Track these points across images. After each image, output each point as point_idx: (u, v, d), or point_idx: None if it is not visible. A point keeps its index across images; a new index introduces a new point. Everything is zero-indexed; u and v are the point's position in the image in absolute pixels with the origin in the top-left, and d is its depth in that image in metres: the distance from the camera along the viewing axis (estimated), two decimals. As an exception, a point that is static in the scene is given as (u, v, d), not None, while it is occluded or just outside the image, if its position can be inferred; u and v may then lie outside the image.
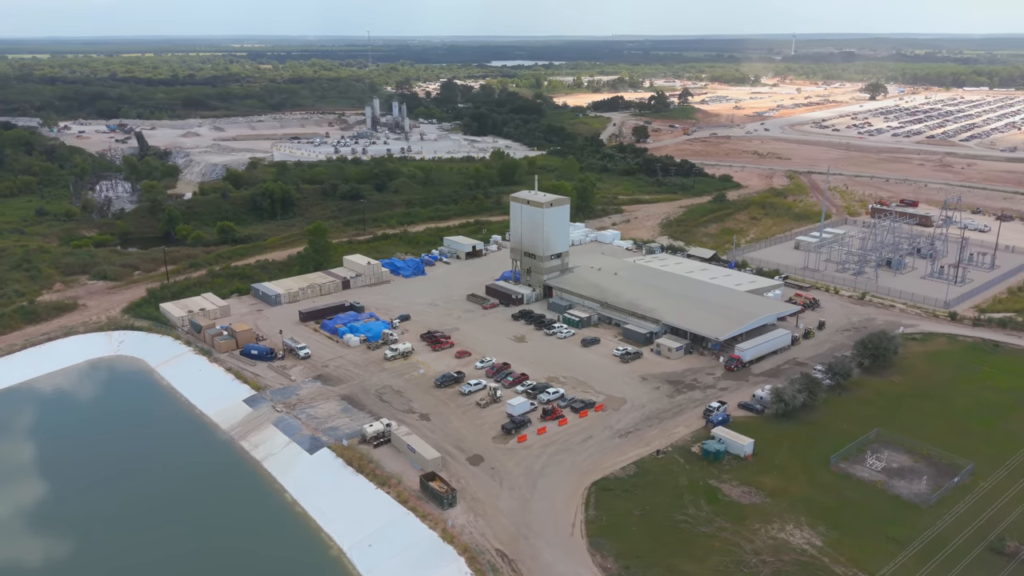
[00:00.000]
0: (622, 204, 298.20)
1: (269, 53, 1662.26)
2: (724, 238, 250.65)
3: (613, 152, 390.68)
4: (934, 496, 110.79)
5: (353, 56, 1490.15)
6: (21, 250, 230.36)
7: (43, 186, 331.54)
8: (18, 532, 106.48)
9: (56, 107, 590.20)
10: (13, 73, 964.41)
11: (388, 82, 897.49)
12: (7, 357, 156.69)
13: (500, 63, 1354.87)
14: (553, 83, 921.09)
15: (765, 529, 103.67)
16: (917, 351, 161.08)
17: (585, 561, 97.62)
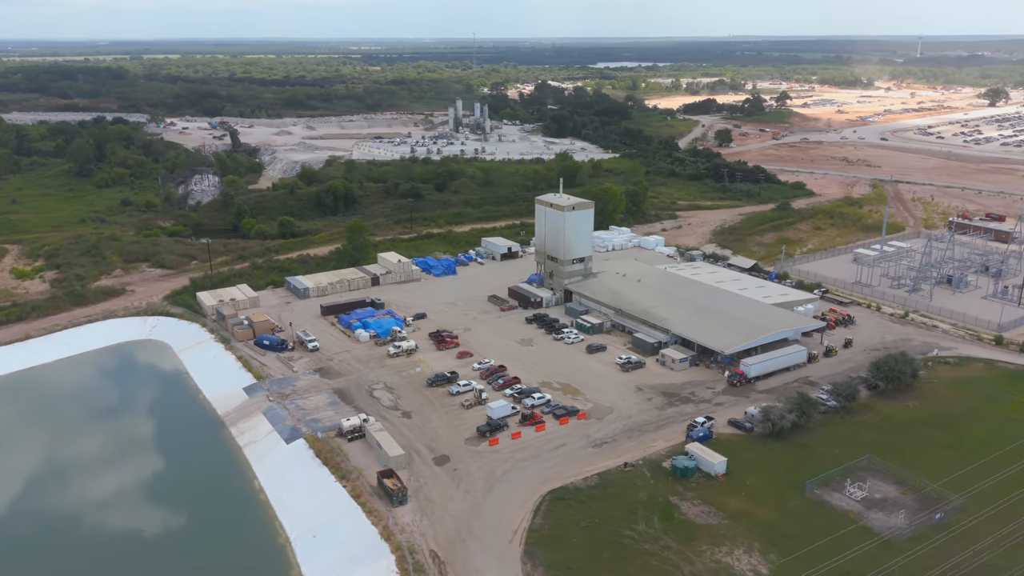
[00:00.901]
0: (681, 209, 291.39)
1: (382, 55, 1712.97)
2: (777, 248, 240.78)
3: (684, 156, 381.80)
4: (908, 531, 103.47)
5: (460, 58, 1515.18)
6: (95, 237, 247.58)
7: (135, 178, 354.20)
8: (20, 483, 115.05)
9: (169, 104, 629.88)
10: (143, 72, 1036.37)
11: (486, 83, 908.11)
12: (47, 336, 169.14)
13: (604, 65, 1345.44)
14: (651, 85, 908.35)
15: (712, 552, 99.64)
16: (946, 376, 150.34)
17: (514, 569, 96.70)
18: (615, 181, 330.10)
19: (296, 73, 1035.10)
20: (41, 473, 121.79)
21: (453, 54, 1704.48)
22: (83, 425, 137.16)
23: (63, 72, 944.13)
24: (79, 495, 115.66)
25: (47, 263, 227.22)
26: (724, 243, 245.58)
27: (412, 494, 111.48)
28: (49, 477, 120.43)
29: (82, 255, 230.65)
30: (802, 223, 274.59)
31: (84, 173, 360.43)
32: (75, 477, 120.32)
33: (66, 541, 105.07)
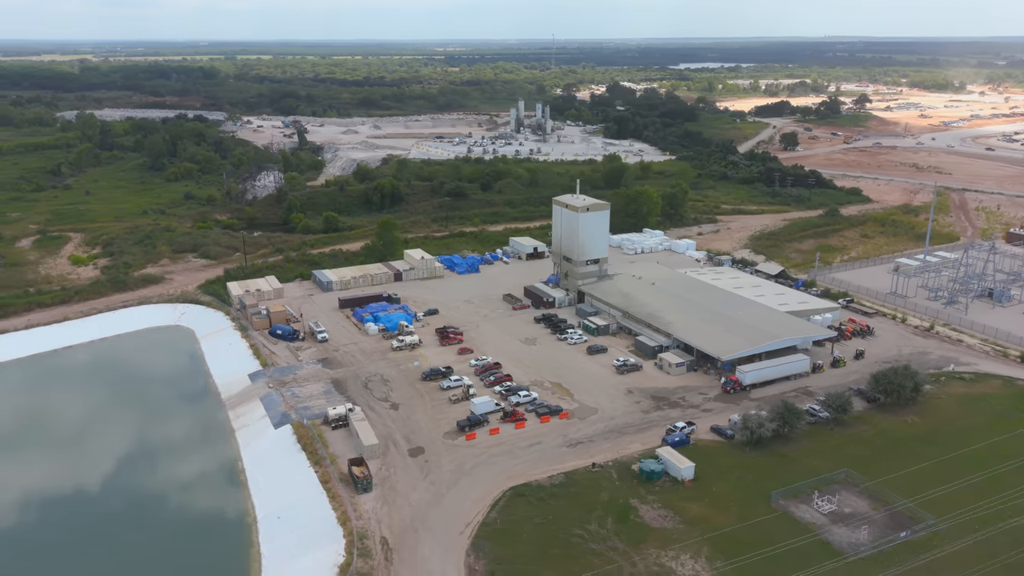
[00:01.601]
0: (724, 214, 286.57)
1: (465, 56, 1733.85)
2: (814, 255, 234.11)
3: (739, 160, 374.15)
4: (868, 548, 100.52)
5: (539, 59, 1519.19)
6: (150, 228, 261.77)
7: (202, 173, 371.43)
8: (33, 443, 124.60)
9: (250, 103, 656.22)
10: (234, 72, 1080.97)
11: (559, 85, 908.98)
12: (84, 319, 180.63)
13: (684, 66, 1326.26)
14: (728, 86, 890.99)
15: (658, 555, 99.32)
16: (957, 392, 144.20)
17: (458, 560, 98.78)
18: (664, 183, 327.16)
19: (376, 74, 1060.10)
20: (50, 440, 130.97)
21: (534, 55, 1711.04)
22: (94, 401, 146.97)
23: (159, 71, 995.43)
24: (72, 459, 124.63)
25: (103, 251, 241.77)
26: (760, 249, 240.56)
27: (379, 483, 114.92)
28: (56, 444, 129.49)
29: (135, 244, 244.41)
30: (849, 230, 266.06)
31: (157, 167, 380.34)
32: (75, 445, 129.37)
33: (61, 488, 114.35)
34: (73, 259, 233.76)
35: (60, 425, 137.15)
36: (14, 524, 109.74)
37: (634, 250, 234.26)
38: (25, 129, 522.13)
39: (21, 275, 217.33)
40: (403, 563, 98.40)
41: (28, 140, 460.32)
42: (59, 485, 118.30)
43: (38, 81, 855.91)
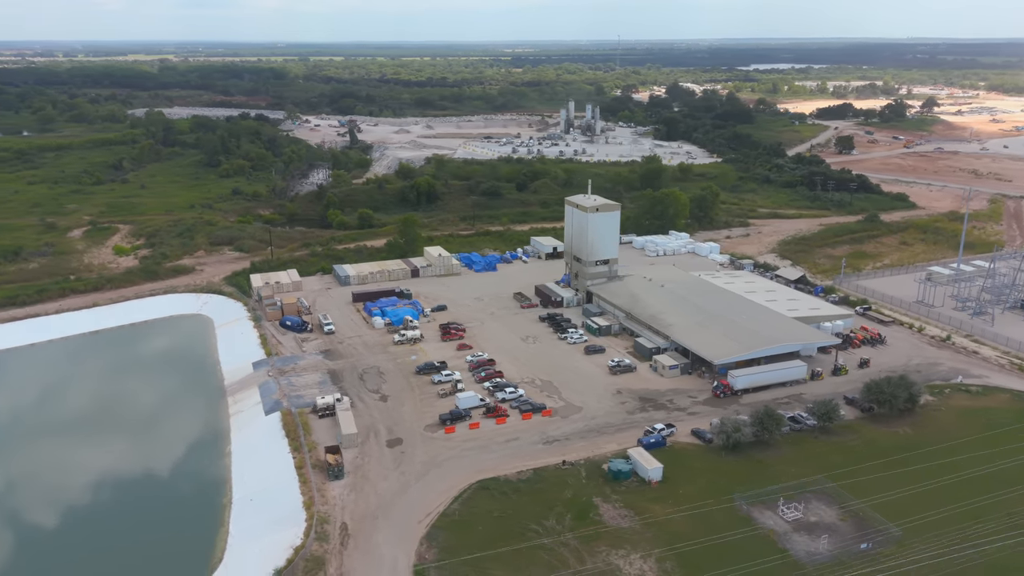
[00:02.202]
0: (760, 217, 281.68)
1: (531, 57, 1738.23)
2: (847, 261, 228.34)
3: (785, 163, 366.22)
4: (825, 557, 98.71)
5: (606, 59, 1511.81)
6: (192, 221, 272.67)
7: (254, 170, 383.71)
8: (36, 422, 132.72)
9: (312, 103, 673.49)
10: (303, 73, 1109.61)
11: (620, 85, 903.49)
12: (112, 306, 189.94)
13: (754, 67, 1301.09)
14: (794, 88, 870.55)
15: (608, 554, 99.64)
16: (959, 404, 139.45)
17: (410, 549, 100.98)
18: (702, 186, 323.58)
19: (439, 75, 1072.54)
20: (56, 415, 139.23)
21: (601, 56, 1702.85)
22: (104, 382, 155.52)
23: (232, 71, 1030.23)
24: (71, 434, 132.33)
25: (146, 242, 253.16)
26: (787, 254, 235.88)
27: (352, 471, 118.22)
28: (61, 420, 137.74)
29: (176, 237, 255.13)
30: (888, 236, 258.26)
31: (212, 164, 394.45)
32: (78, 422, 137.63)
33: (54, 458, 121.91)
34: (116, 249, 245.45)
35: (68, 402, 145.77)
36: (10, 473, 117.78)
37: (656, 252, 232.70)
38: (97, 125, 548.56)
39: (66, 263, 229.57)
40: (357, 548, 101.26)
41: (97, 136, 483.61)
42: (53, 456, 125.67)
43: (117, 80, 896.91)
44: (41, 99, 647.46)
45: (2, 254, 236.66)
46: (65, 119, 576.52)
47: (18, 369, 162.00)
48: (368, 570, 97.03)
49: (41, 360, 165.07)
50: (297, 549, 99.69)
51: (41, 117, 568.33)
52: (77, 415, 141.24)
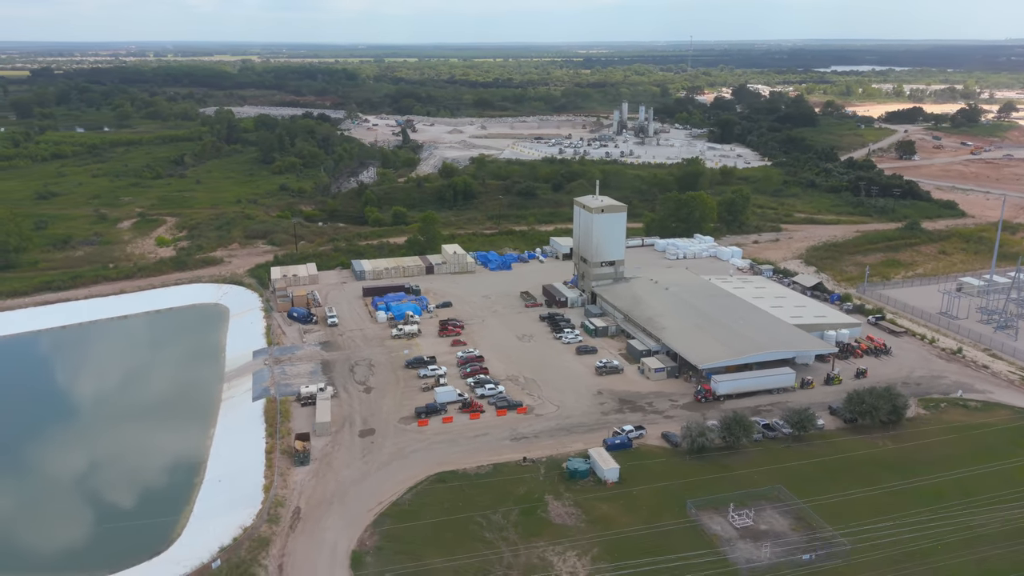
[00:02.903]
0: (796, 222, 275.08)
1: (604, 58, 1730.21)
2: (877, 270, 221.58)
3: (834, 167, 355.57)
4: (762, 566, 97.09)
5: (679, 60, 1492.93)
6: (232, 215, 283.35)
7: (305, 167, 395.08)
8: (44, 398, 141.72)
9: (374, 103, 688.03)
10: (375, 74, 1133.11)
11: (686, 87, 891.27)
12: (137, 293, 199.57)
13: (832, 69, 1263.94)
14: (868, 91, 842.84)
15: (545, 550, 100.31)
16: (953, 419, 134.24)
17: (354, 535, 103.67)
18: (735, 189, 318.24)
19: (506, 76, 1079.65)
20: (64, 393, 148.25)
21: (675, 57, 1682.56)
22: (113, 365, 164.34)
23: (307, 72, 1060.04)
24: (72, 412, 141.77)
25: (187, 234, 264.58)
26: (815, 260, 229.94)
27: (319, 458, 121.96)
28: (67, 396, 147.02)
29: (214, 229, 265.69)
30: (927, 245, 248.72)
31: (267, 161, 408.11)
32: (79, 400, 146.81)
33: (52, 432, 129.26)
34: (159, 240, 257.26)
35: (75, 380, 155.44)
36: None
37: (676, 255, 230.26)
38: (170, 122, 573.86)
39: (109, 252, 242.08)
40: (303, 532, 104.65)
41: (166, 132, 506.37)
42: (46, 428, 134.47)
43: (197, 79, 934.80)
44: (121, 97, 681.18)
45: (52, 242, 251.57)
46: (142, 116, 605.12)
47: (39, 349, 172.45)
48: (309, 552, 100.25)
49: (61, 342, 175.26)
50: (246, 529, 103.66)
51: (120, 114, 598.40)
52: (81, 393, 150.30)
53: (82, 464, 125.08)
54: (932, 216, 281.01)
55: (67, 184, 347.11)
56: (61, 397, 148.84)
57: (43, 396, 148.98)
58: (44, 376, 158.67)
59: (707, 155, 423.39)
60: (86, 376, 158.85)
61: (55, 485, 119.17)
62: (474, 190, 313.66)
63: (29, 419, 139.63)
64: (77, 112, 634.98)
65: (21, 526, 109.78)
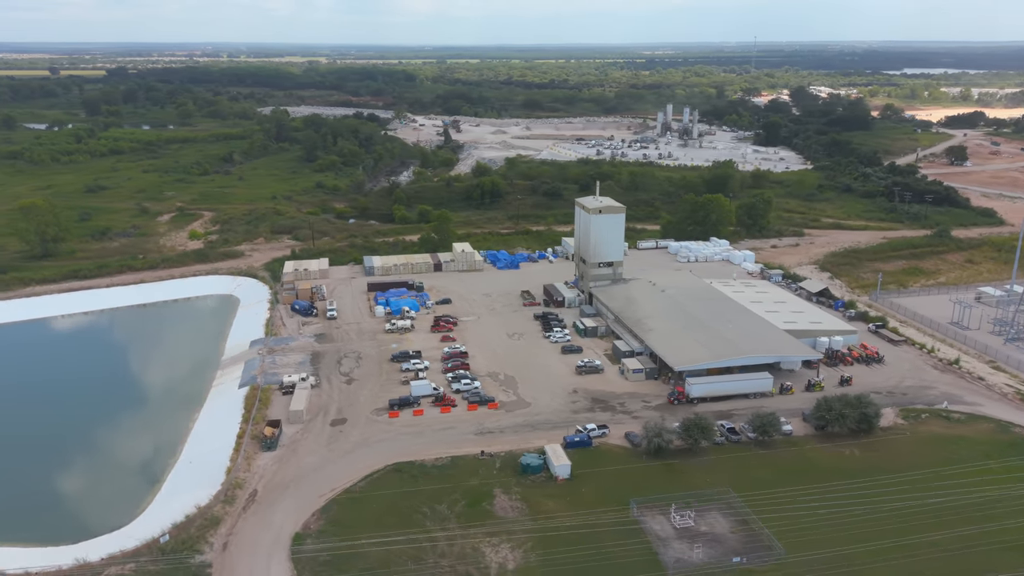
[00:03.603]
0: (823, 227, 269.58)
1: (667, 60, 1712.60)
2: (895, 276, 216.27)
3: (873, 172, 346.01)
4: (691, 567, 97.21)
5: (741, 62, 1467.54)
6: (263, 211, 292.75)
7: (345, 165, 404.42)
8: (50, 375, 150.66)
9: (425, 103, 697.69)
10: (435, 75, 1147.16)
11: (744, 88, 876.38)
12: (157, 283, 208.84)
13: (902, 71, 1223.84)
14: (935, 94, 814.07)
15: (481, 540, 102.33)
16: (931, 430, 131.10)
17: (302, 518, 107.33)
18: (778, 193, 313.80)
19: (562, 77, 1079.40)
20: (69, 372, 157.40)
21: (741, 58, 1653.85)
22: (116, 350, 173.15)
23: (366, 73, 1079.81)
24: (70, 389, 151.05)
25: (219, 229, 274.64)
26: (830, 266, 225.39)
27: (287, 444, 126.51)
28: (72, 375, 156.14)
29: (244, 224, 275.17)
30: (954, 254, 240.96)
31: (310, 159, 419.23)
32: (80, 380, 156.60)
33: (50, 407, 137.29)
34: (191, 234, 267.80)
35: (82, 362, 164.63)
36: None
37: (687, 258, 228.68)
38: (229, 121, 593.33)
39: (142, 244, 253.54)
40: (255, 513, 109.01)
41: (221, 130, 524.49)
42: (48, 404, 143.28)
43: (261, 79, 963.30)
44: (185, 96, 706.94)
45: (91, 233, 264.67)
46: (203, 114, 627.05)
47: (52, 334, 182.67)
48: (255, 532, 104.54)
49: (75, 328, 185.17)
50: (200, 508, 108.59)
51: (182, 112, 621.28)
52: (79, 375, 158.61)
53: (67, 442, 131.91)
54: (967, 224, 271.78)
55: (117, 178, 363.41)
56: (60, 379, 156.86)
57: (42, 378, 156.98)
58: (48, 359, 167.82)
59: (748, 158, 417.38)
60: (89, 360, 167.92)
61: (35, 459, 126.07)
62: (501, 190, 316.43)
63: (27, 399, 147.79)
64: (143, 110, 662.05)
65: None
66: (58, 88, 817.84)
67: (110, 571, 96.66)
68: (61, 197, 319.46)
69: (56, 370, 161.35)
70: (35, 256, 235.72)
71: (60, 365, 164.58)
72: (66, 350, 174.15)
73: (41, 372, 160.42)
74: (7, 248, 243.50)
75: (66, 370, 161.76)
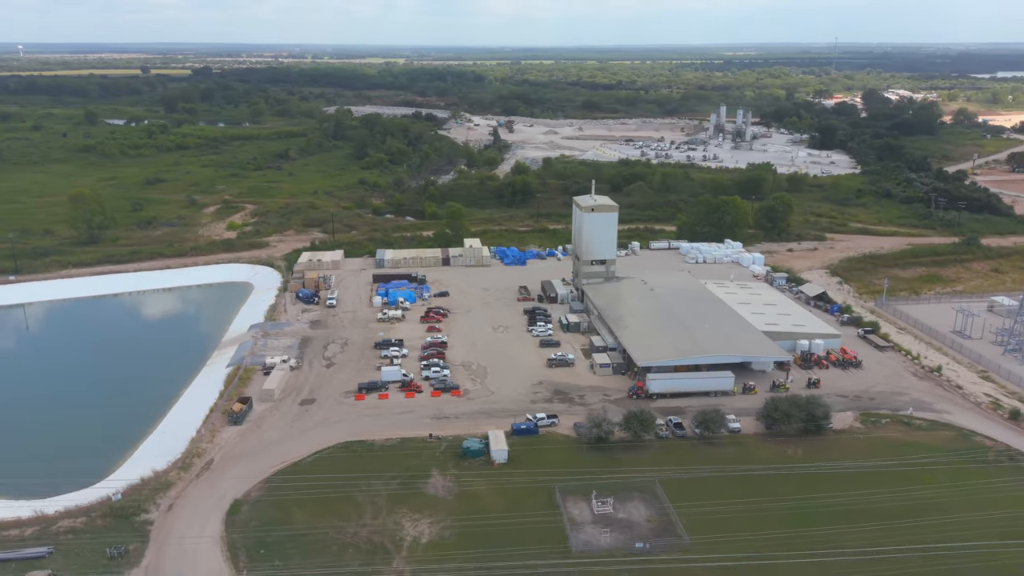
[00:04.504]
0: (848, 232, 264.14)
1: (746, 61, 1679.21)
2: (911, 284, 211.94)
3: (917, 177, 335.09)
4: (595, 549, 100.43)
5: (823, 64, 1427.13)
6: (299, 205, 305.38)
7: (391, 163, 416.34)
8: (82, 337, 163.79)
9: (484, 104, 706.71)
10: (504, 76, 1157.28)
11: (816, 90, 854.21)
12: (180, 269, 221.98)
13: (992, 75, 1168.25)
14: (1019, 98, 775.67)
15: (403, 515, 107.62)
16: (888, 435, 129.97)
17: (246, 487, 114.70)
18: (815, 196, 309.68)
19: (631, 78, 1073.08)
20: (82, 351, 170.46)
21: (823, 60, 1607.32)
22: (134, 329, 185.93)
23: (436, 75, 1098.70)
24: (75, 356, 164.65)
25: (256, 220, 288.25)
26: (842, 271, 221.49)
27: (254, 420, 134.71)
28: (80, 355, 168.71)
29: (279, 217, 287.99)
30: (980, 262, 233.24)
31: (359, 156, 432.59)
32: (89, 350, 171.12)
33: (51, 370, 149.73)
34: (229, 225, 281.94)
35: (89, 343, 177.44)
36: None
37: (695, 259, 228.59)
38: (295, 119, 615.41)
39: (182, 234, 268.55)
40: (205, 480, 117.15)
41: (284, 128, 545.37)
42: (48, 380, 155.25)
43: (336, 80, 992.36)
44: (257, 96, 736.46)
45: (138, 222, 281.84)
46: (272, 113, 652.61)
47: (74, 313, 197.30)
48: (200, 497, 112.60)
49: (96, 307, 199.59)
50: (157, 473, 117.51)
51: (253, 111, 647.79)
52: (90, 351, 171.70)
53: (58, 410, 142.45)
54: (1004, 232, 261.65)
55: (176, 172, 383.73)
56: (66, 355, 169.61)
57: (50, 353, 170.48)
58: (61, 336, 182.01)
59: (797, 161, 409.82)
60: (98, 337, 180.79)
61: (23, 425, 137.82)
62: (533, 189, 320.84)
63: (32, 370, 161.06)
64: (217, 108, 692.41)
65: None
66: (144, 86, 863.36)
67: (63, 523, 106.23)
68: (120, 188, 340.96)
69: (65, 346, 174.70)
70: (81, 242, 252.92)
71: (71, 341, 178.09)
72: (79, 328, 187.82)
73: (51, 348, 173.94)
74: (58, 234, 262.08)
75: (75, 346, 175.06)
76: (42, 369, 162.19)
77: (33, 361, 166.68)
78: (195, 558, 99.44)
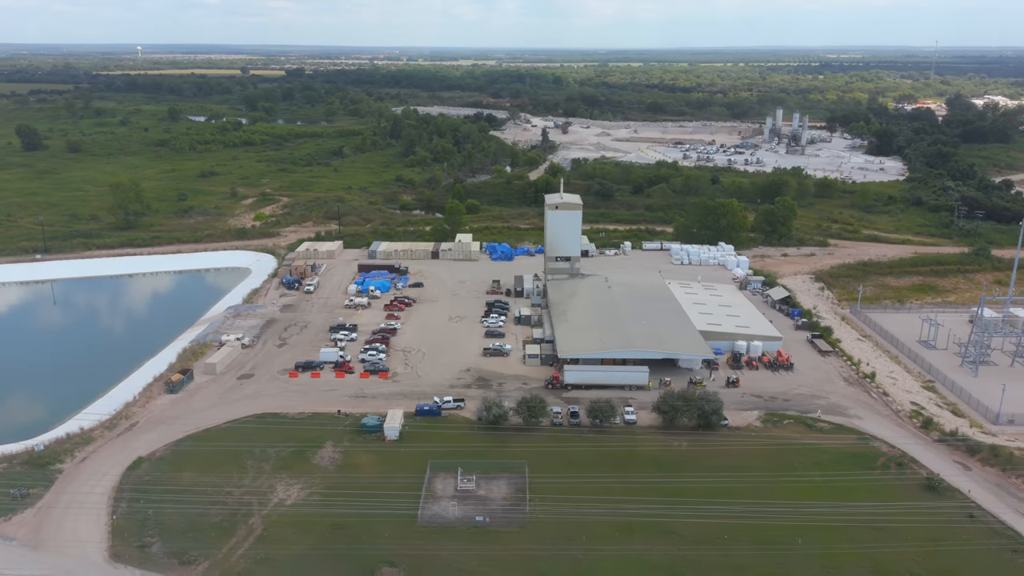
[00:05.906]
0: (858, 239, 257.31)
1: (845, 64, 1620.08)
2: (902, 293, 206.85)
3: (954, 186, 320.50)
4: (439, 521, 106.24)
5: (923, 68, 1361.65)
6: (327, 198, 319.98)
7: (435, 161, 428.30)
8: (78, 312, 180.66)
9: (548, 105, 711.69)
10: (585, 78, 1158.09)
11: (902, 96, 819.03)
12: (190, 254, 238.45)
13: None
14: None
15: (281, 480, 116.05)
16: (784, 436, 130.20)
17: (155, 447, 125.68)
18: (843, 203, 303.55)
19: (710, 81, 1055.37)
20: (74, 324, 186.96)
21: (925, 64, 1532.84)
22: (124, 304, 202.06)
23: (516, 76, 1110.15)
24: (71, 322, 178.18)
25: (283, 212, 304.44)
26: (827, 278, 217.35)
27: (191, 390, 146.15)
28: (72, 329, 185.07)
29: (303, 210, 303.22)
30: (986, 273, 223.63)
31: (407, 154, 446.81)
32: (82, 319, 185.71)
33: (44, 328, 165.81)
34: (257, 216, 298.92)
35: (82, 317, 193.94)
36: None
37: (680, 260, 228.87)
38: (364, 119, 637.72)
39: (211, 222, 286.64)
40: (123, 439, 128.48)
41: (346, 127, 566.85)
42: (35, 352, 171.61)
43: (416, 81, 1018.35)
44: (334, 96, 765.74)
45: (177, 211, 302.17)
46: (345, 112, 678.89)
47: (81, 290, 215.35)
48: (110, 454, 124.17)
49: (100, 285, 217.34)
50: (84, 430, 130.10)
51: (328, 111, 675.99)
52: (79, 324, 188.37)
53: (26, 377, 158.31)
54: None
55: (231, 166, 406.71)
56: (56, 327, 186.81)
57: (40, 326, 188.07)
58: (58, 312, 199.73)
59: (845, 167, 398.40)
60: (92, 313, 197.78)
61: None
62: (554, 188, 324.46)
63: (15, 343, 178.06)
64: (296, 107, 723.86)
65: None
66: (236, 86, 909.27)
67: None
68: (176, 180, 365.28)
69: (56, 320, 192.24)
70: (119, 227, 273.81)
71: (63, 316, 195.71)
72: (77, 304, 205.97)
73: (43, 321, 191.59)
74: (102, 219, 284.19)
75: (65, 321, 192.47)
76: (23, 341, 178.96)
77: (22, 334, 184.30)
78: (83, 503, 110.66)
